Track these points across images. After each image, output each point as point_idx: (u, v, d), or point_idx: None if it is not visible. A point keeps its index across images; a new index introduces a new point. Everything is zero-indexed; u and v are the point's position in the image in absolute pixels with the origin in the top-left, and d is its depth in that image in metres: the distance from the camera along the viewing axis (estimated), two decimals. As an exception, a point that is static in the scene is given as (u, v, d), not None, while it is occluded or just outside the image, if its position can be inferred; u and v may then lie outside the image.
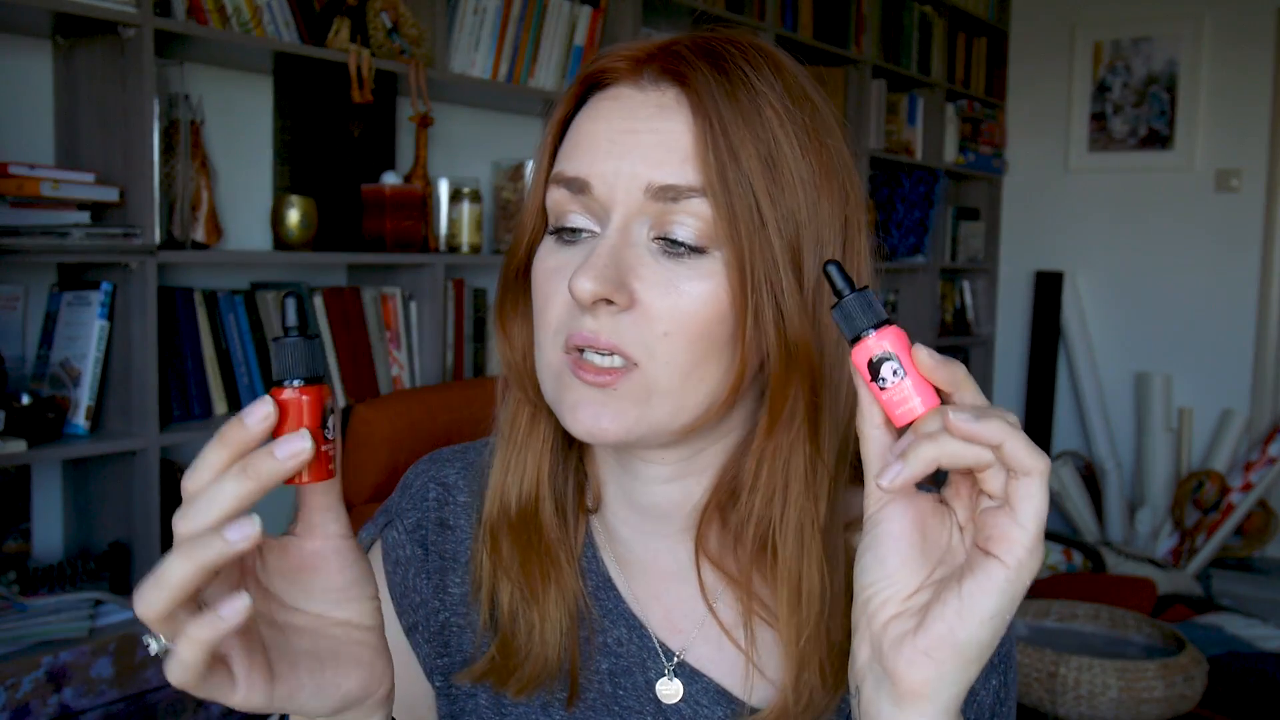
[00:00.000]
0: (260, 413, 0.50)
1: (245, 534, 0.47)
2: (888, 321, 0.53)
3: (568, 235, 0.65)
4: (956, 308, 4.26)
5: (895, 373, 0.53)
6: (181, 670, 0.48)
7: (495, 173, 2.66)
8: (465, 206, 2.43)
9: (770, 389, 0.64)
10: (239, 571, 0.53)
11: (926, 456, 0.51)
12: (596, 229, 0.64)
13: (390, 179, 2.24)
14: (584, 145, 0.65)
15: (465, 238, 2.43)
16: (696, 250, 0.62)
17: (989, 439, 0.50)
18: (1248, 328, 3.86)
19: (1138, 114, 4.05)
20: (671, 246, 0.63)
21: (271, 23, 2.05)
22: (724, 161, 0.61)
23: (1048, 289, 4.16)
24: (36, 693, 1.64)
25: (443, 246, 2.44)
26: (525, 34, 2.52)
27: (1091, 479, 4.04)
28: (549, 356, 0.65)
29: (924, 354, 0.53)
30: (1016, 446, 0.50)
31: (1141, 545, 3.82)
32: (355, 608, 0.56)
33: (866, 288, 0.54)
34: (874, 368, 0.53)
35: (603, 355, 0.62)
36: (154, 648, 0.49)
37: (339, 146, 2.22)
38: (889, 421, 0.55)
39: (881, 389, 0.53)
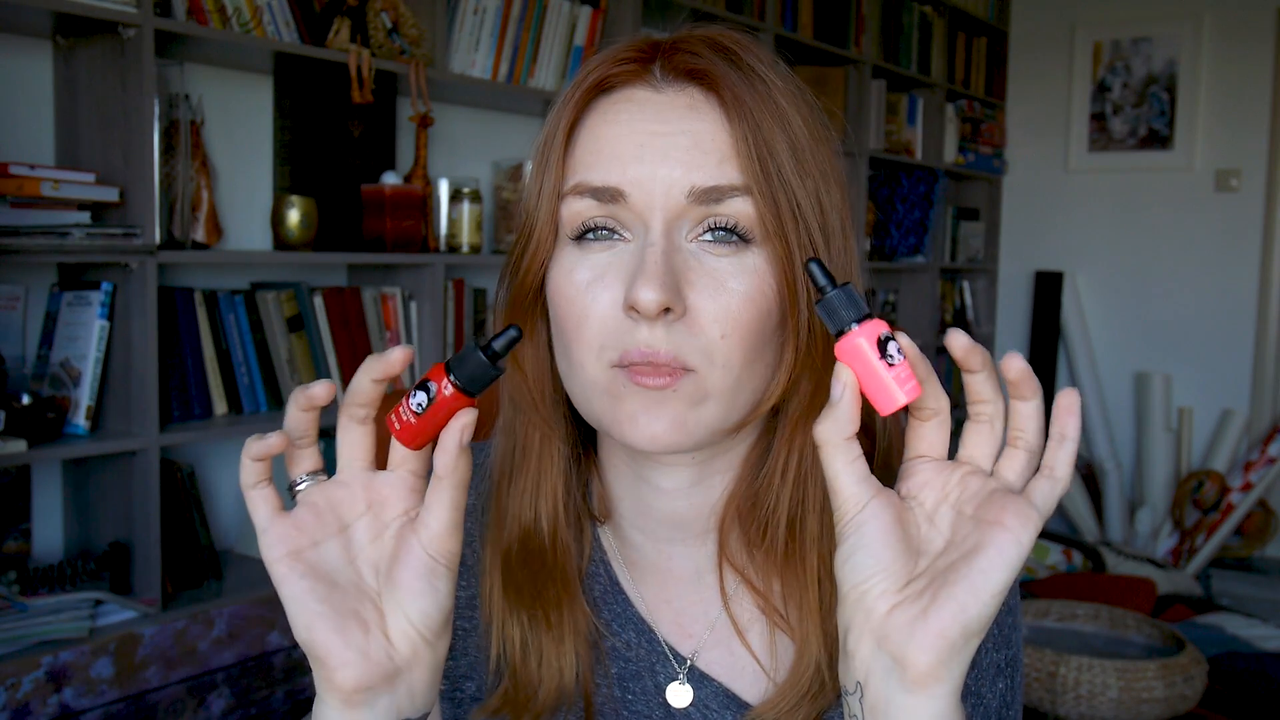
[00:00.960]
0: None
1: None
2: (868, 315, 0.54)
3: (591, 239, 0.63)
4: (956, 308, 4.26)
5: (900, 351, 0.54)
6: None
7: (495, 173, 2.66)
8: (465, 206, 2.43)
9: (816, 377, 0.64)
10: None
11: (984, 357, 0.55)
12: (625, 235, 0.63)
13: (390, 179, 2.24)
14: (608, 152, 0.63)
15: (465, 238, 2.43)
16: (737, 247, 0.62)
17: (1074, 432, 0.55)
18: (1248, 328, 3.86)
19: (1137, 114, 4.05)
20: (715, 247, 0.62)
21: (271, 23, 2.05)
22: (764, 157, 0.61)
23: (1048, 289, 4.16)
24: (36, 693, 1.64)
25: (443, 246, 2.44)
26: (525, 34, 2.52)
27: (1091, 479, 4.04)
28: (594, 375, 0.63)
29: (906, 340, 0.55)
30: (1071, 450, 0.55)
31: (1141, 545, 3.82)
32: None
33: (848, 283, 0.55)
34: (882, 345, 0.54)
35: (660, 366, 0.61)
36: (304, 483, 0.59)
37: (339, 146, 2.22)
38: (857, 430, 0.56)
39: (890, 365, 0.54)
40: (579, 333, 0.63)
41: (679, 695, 0.70)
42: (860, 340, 0.54)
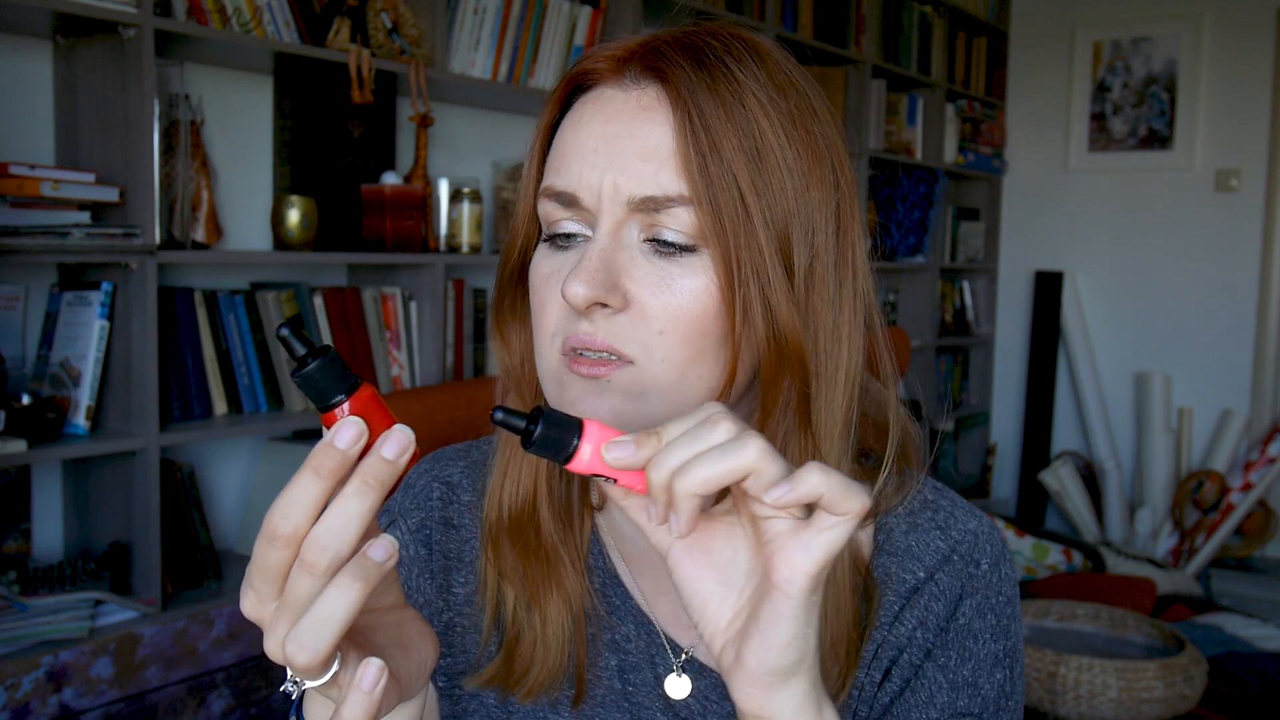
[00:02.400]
0: (352, 434, 0.48)
1: (389, 549, 0.48)
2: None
3: (561, 241, 0.66)
4: (956, 308, 4.27)
5: (607, 480, 0.53)
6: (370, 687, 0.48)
7: (495, 173, 2.66)
8: (465, 206, 2.43)
9: (762, 381, 0.64)
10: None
11: (690, 489, 0.50)
12: (589, 233, 0.65)
13: (390, 179, 2.24)
14: (570, 155, 0.65)
15: (465, 238, 2.43)
16: (687, 249, 0.63)
17: (809, 494, 0.49)
18: (1248, 328, 3.86)
19: (1137, 114, 4.05)
20: (663, 246, 0.63)
21: (271, 23, 2.05)
22: (705, 158, 0.61)
23: (1048, 289, 4.16)
24: (36, 693, 1.64)
25: (443, 246, 2.45)
26: (525, 34, 2.52)
27: (1091, 479, 4.04)
28: (548, 360, 0.65)
29: (615, 451, 0.52)
30: (836, 492, 0.49)
31: (1141, 545, 3.82)
32: (391, 592, 0.56)
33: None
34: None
35: (597, 353, 0.63)
36: (295, 690, 0.50)
37: (339, 146, 2.22)
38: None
39: (616, 482, 0.53)
40: (539, 322, 0.66)
41: (677, 687, 0.71)
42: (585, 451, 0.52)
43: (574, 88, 0.68)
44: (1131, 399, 4.08)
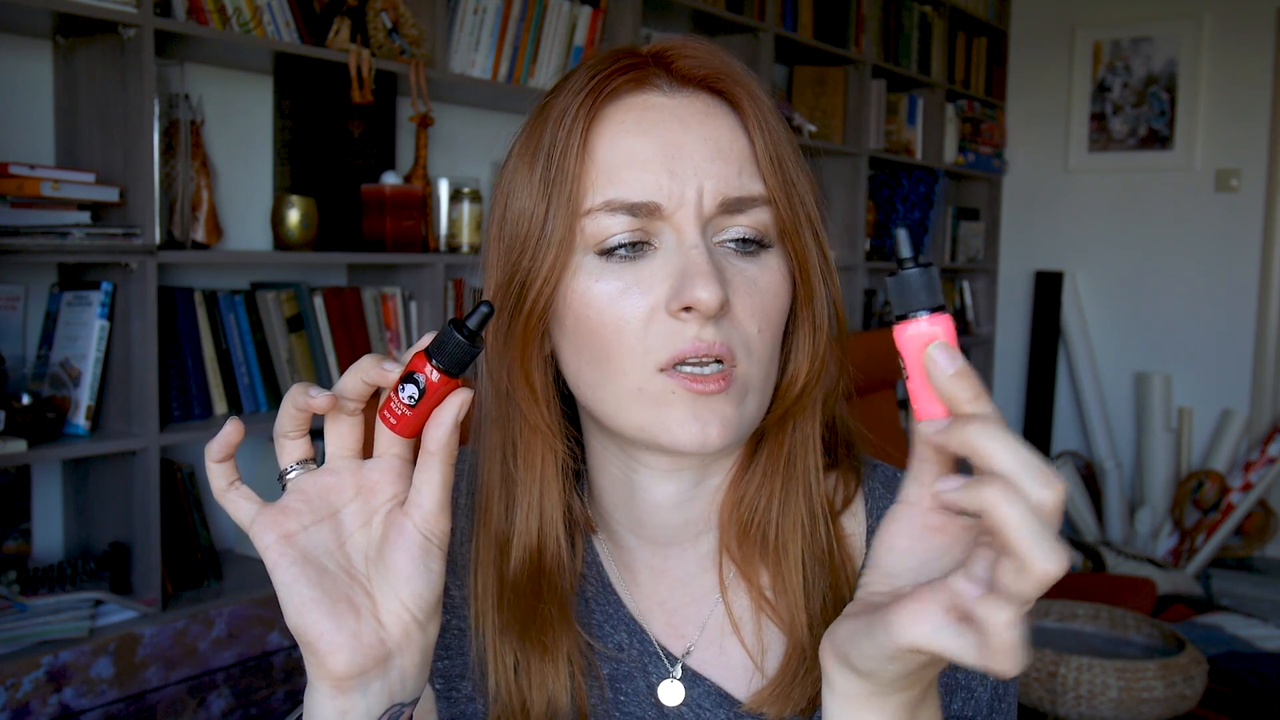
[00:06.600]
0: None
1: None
2: (941, 308, 0.48)
3: (624, 252, 0.62)
4: (956, 308, 4.27)
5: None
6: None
7: (495, 173, 2.66)
8: (465, 206, 2.43)
9: (841, 370, 0.69)
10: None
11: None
12: (655, 244, 0.63)
13: (390, 179, 2.24)
14: (639, 165, 0.62)
15: (465, 238, 2.43)
16: (765, 246, 0.65)
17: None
18: (1248, 328, 3.86)
19: (1137, 114, 4.05)
20: (743, 246, 0.64)
21: (271, 23, 2.05)
22: (781, 163, 0.64)
23: (1047, 289, 4.16)
24: (36, 693, 1.64)
25: (443, 246, 2.45)
26: (525, 34, 2.52)
27: (1091, 479, 4.04)
28: (638, 382, 0.62)
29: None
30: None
31: (1141, 545, 3.82)
32: (398, 489, 0.60)
33: (932, 264, 0.49)
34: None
35: (704, 365, 0.61)
36: (293, 471, 0.59)
37: (339, 146, 2.22)
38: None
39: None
40: (618, 340, 0.62)
41: (671, 694, 0.71)
42: (937, 328, 0.48)
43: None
44: (1131, 399, 4.08)
